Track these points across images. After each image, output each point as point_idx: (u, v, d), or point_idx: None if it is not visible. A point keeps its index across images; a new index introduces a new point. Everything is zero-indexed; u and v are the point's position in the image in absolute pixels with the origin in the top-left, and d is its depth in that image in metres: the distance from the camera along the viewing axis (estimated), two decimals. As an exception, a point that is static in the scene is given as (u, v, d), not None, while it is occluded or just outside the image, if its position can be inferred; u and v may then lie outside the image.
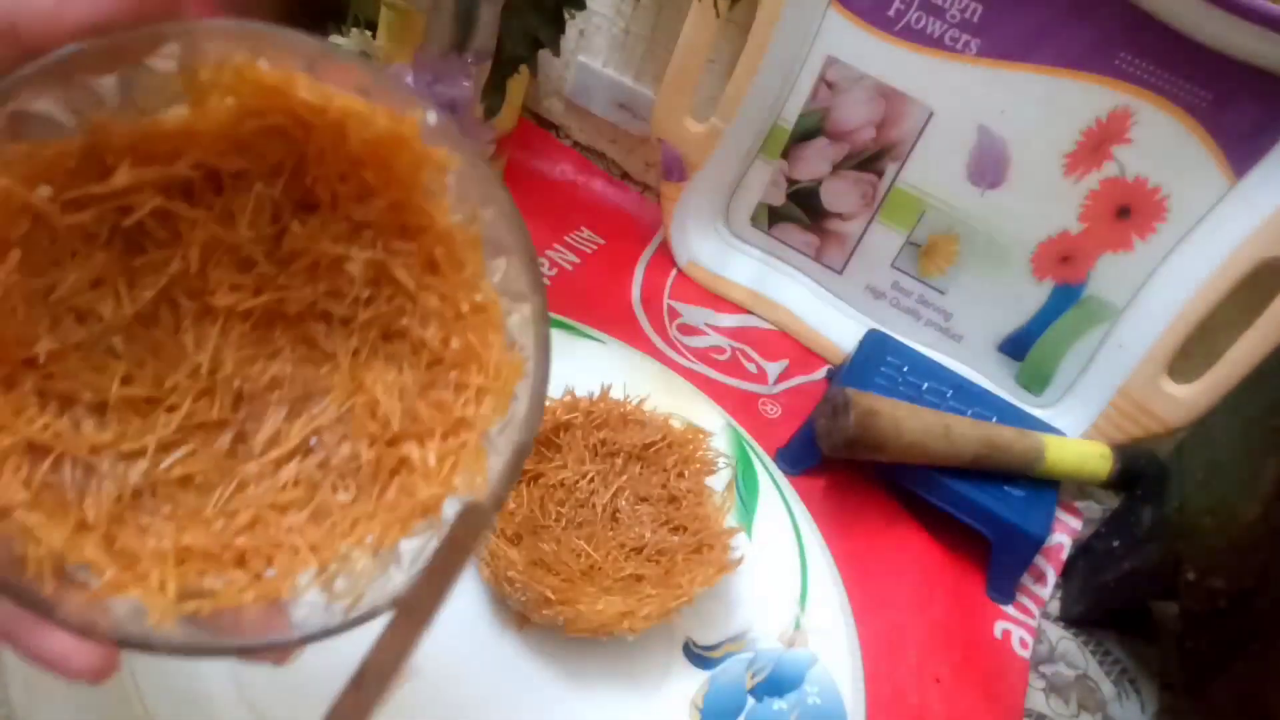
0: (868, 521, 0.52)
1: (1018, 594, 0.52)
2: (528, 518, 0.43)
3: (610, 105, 0.69)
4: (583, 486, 0.45)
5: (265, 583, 0.24)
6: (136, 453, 0.25)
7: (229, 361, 0.26)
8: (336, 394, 0.27)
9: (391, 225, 0.26)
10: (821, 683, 0.43)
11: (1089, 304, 0.56)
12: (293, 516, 0.26)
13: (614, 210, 0.69)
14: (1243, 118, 0.49)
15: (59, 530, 0.22)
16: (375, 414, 0.26)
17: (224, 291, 0.25)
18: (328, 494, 0.26)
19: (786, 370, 0.61)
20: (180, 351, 0.25)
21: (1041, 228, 0.56)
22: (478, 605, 0.41)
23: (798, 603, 0.46)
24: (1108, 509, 0.57)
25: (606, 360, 0.55)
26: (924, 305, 0.61)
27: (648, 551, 0.43)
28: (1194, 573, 0.44)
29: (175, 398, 0.26)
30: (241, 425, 0.26)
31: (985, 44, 0.52)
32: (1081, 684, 0.49)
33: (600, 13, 0.66)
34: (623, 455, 0.47)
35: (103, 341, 0.25)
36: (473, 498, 0.24)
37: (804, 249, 0.63)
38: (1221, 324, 0.51)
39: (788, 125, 0.59)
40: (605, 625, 0.38)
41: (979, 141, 0.55)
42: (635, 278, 0.64)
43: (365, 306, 0.26)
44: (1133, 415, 0.55)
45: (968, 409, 0.55)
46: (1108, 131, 0.52)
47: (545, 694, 0.40)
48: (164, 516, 0.25)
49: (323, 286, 0.26)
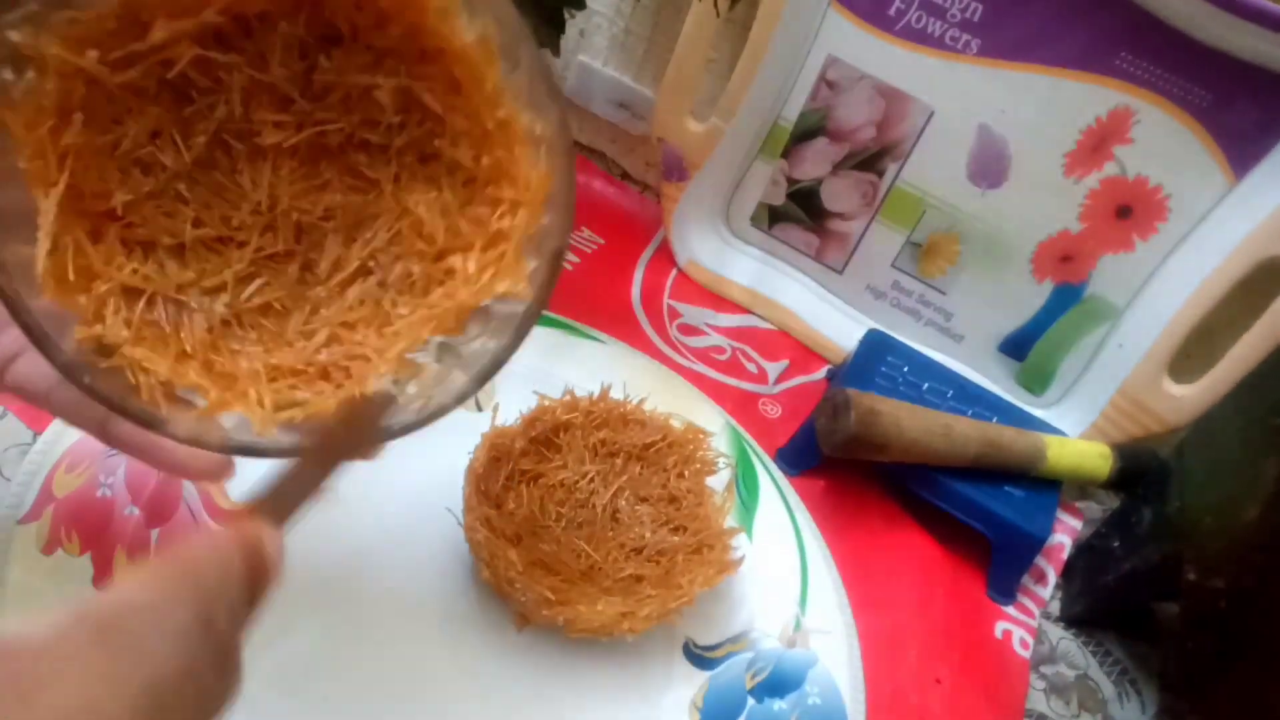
0: (868, 521, 0.52)
1: (1018, 594, 0.52)
2: (528, 518, 0.43)
3: (610, 105, 0.69)
4: (583, 487, 0.45)
5: (347, 390, 0.27)
6: (218, 287, 0.28)
7: (284, 197, 0.28)
8: (385, 218, 0.29)
9: (411, 51, 0.27)
10: (822, 683, 0.43)
11: (1089, 304, 0.56)
12: (362, 331, 0.29)
13: (614, 210, 0.69)
14: (1243, 118, 0.48)
15: (163, 360, 0.25)
16: (421, 233, 0.29)
17: (269, 130, 0.28)
18: (389, 308, 0.29)
19: (787, 370, 0.61)
20: (239, 192, 0.28)
21: (1042, 227, 0.56)
22: (478, 605, 0.41)
23: (798, 603, 0.46)
24: (1108, 509, 0.57)
25: (606, 360, 0.54)
26: (924, 305, 0.61)
27: (648, 552, 0.43)
28: (1195, 573, 0.44)
29: (243, 235, 0.28)
30: (305, 255, 0.29)
31: (986, 44, 0.52)
32: (1082, 684, 0.49)
33: (600, 12, 0.66)
34: (623, 455, 0.46)
35: (170, 189, 0.27)
36: (518, 297, 0.27)
37: (804, 249, 0.63)
38: (1222, 324, 0.51)
39: (788, 125, 0.59)
40: (605, 626, 0.38)
41: (979, 141, 0.55)
42: (635, 278, 0.64)
43: (399, 132, 0.29)
44: (1133, 415, 0.55)
45: (968, 409, 0.55)
46: (1108, 131, 0.52)
47: (545, 694, 0.39)
48: (251, 341, 0.28)
49: (357, 117, 0.28)
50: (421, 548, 0.42)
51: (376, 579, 0.41)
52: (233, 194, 0.28)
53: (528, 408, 0.45)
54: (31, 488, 0.40)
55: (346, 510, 0.42)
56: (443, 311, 0.28)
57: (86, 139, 0.25)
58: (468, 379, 0.27)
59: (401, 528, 0.43)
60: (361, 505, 0.43)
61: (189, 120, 0.27)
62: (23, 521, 0.39)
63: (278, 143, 0.28)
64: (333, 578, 0.40)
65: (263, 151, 0.28)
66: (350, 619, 0.39)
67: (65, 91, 0.24)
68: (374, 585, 0.41)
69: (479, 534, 0.39)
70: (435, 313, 0.28)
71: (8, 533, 0.38)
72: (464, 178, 0.28)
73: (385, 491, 0.44)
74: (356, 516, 0.42)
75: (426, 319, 0.28)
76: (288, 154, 0.28)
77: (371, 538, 0.42)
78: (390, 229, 0.29)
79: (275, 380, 0.27)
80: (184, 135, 0.27)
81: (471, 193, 0.28)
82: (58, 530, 0.39)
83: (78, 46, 0.23)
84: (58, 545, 0.38)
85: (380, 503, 0.43)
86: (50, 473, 0.41)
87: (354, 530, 0.42)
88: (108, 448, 0.41)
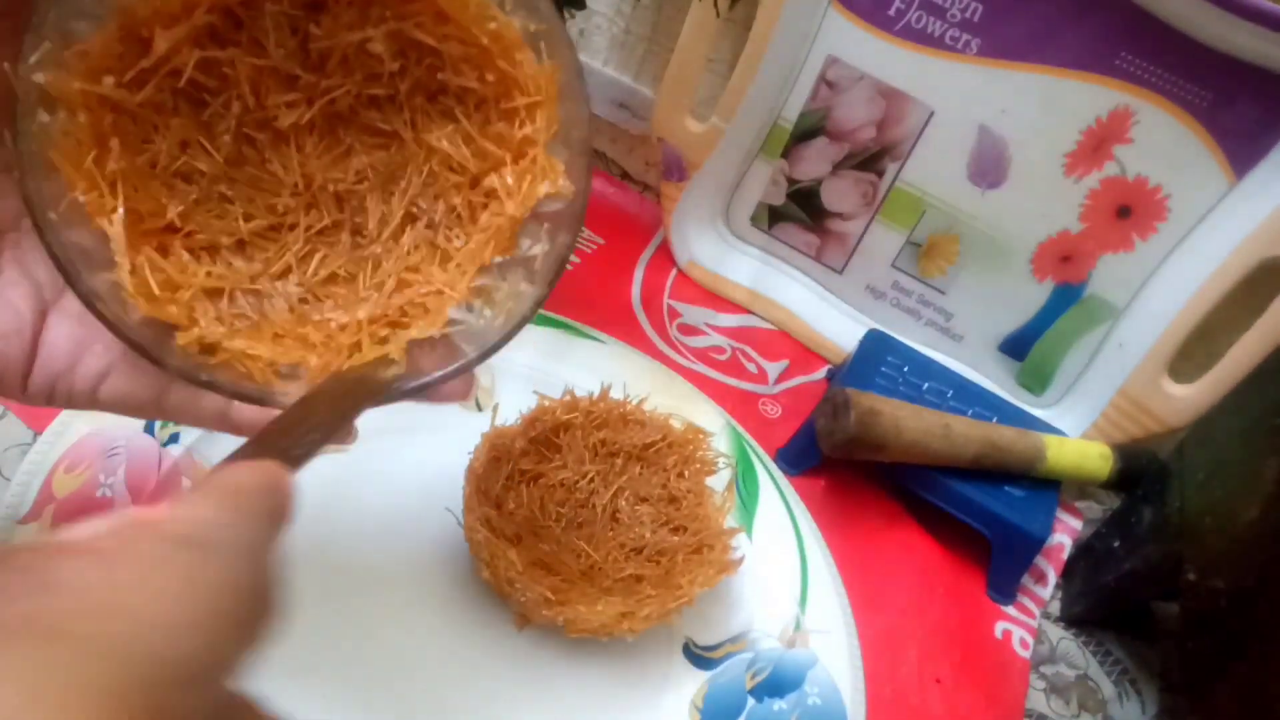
0: (868, 521, 0.52)
1: (1018, 594, 0.52)
2: (528, 518, 0.43)
3: (610, 105, 0.69)
4: (583, 487, 0.45)
5: (429, 325, 0.29)
6: (284, 271, 0.30)
7: (317, 173, 0.30)
8: (413, 164, 0.31)
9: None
10: (821, 683, 0.43)
11: (1089, 304, 0.56)
12: (425, 270, 0.30)
13: (614, 210, 0.69)
14: (1243, 118, 0.48)
15: (263, 345, 0.28)
16: (452, 166, 0.30)
17: (283, 112, 0.29)
18: (445, 245, 0.30)
19: (786, 370, 0.61)
20: (275, 179, 0.30)
21: (1042, 227, 0.56)
22: (478, 605, 0.41)
23: (798, 603, 0.46)
24: (1108, 509, 0.57)
25: (606, 360, 0.54)
26: (924, 305, 0.61)
27: (648, 552, 0.43)
28: (1194, 573, 0.44)
29: (291, 217, 0.30)
30: (351, 220, 0.31)
31: (986, 44, 0.52)
32: (1082, 684, 0.49)
33: (600, 12, 0.66)
34: (623, 455, 0.46)
35: (213, 192, 0.29)
36: (561, 195, 0.28)
37: (804, 249, 0.63)
38: (1222, 324, 0.51)
39: (788, 125, 0.59)
40: (605, 626, 0.38)
41: (979, 141, 0.55)
42: (635, 278, 0.64)
43: (402, 78, 0.30)
44: (1133, 415, 0.55)
45: (968, 409, 0.55)
46: (1108, 131, 0.52)
47: (545, 694, 0.40)
48: (331, 308, 0.30)
49: (360, 75, 0.29)
50: (421, 548, 0.42)
51: (376, 578, 0.41)
52: (269, 183, 0.30)
53: (528, 408, 0.45)
54: (31, 488, 0.40)
55: (347, 510, 0.43)
56: (496, 231, 0.29)
57: (128, 162, 0.26)
58: (537, 286, 0.28)
59: (401, 528, 0.43)
60: (362, 505, 0.43)
61: (210, 124, 0.28)
62: (23, 521, 0.39)
63: (294, 122, 0.29)
64: (333, 576, 0.40)
65: (283, 135, 0.29)
66: (350, 618, 0.39)
67: (96, 122, 0.25)
68: (374, 584, 0.41)
69: (479, 534, 0.39)
70: (489, 234, 0.29)
71: (7, 533, 0.38)
72: (475, 100, 0.30)
73: (386, 491, 0.44)
74: (357, 516, 0.42)
75: (483, 243, 0.29)
76: (306, 131, 0.30)
77: (372, 537, 0.42)
78: (421, 172, 0.31)
79: (359, 333, 0.29)
80: (210, 139, 0.28)
81: (487, 113, 0.29)
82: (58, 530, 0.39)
83: (94, 76, 0.25)
84: (58, 545, 0.38)
85: (380, 502, 0.43)
86: (50, 473, 0.41)
87: (354, 529, 0.42)
88: (108, 448, 0.41)
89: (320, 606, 0.39)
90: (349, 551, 0.42)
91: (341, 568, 0.41)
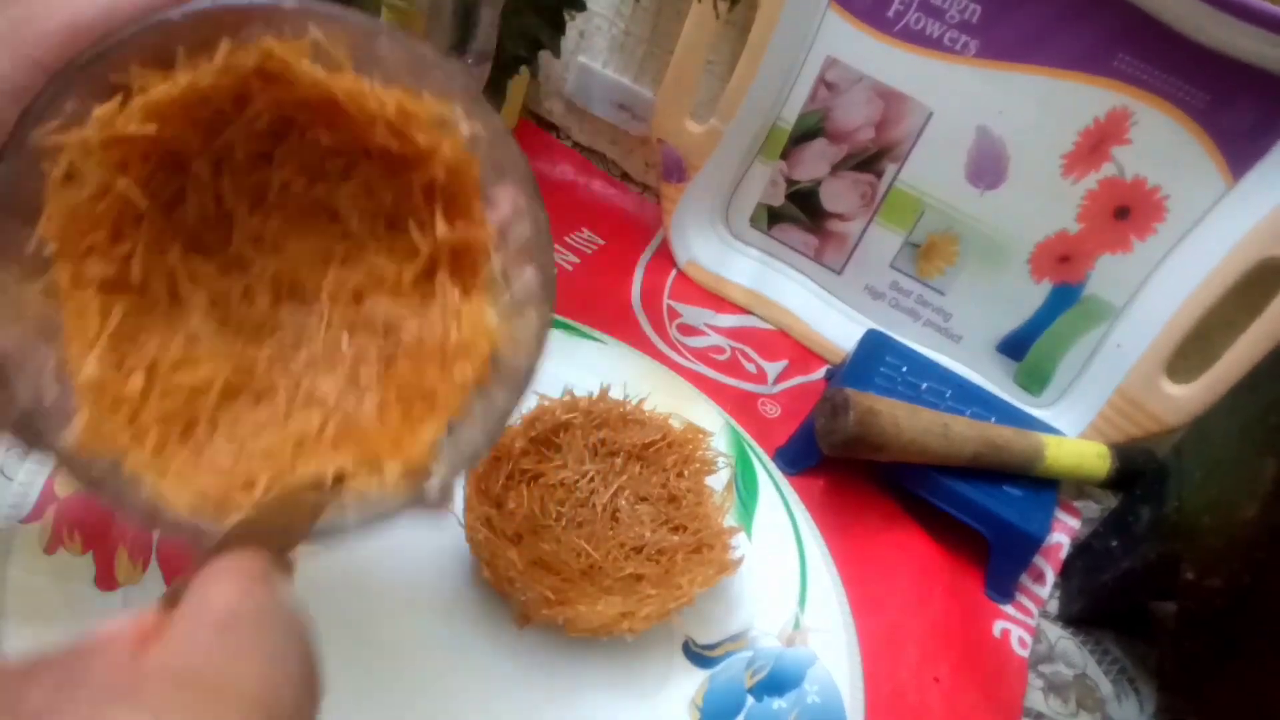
0: (867, 521, 0.52)
1: (1017, 593, 0.52)
2: (528, 517, 0.43)
3: (610, 106, 0.69)
4: (583, 486, 0.45)
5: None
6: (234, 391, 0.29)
7: (323, 295, 0.29)
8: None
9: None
10: (821, 682, 0.43)
11: (1088, 304, 0.56)
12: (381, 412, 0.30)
13: (614, 211, 0.69)
14: (1242, 118, 0.49)
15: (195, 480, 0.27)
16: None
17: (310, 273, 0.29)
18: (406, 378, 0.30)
19: (786, 370, 0.61)
20: (275, 336, 0.29)
21: (1040, 228, 0.56)
22: (478, 605, 0.41)
23: (797, 602, 0.46)
24: (1106, 508, 0.57)
25: (606, 360, 0.55)
26: (923, 305, 0.61)
27: (648, 551, 0.43)
28: (1192, 572, 0.44)
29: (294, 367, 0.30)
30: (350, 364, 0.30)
31: (984, 45, 0.52)
32: (1080, 683, 0.49)
33: (600, 14, 0.66)
34: (623, 455, 0.47)
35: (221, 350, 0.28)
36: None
37: (803, 249, 0.63)
38: (1220, 324, 0.52)
39: (787, 126, 0.60)
40: (605, 625, 0.38)
41: (978, 142, 0.55)
42: (635, 278, 0.64)
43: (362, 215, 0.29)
44: (1131, 415, 0.55)
45: (967, 409, 0.56)
46: (1106, 132, 0.52)
47: (545, 693, 0.40)
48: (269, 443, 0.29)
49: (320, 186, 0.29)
50: (421, 548, 0.43)
51: (376, 578, 0.41)
52: (271, 338, 0.29)
53: (528, 408, 0.46)
54: (34, 488, 0.40)
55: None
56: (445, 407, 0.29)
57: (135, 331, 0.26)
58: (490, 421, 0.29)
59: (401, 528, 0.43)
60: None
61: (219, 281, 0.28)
62: (25, 521, 0.39)
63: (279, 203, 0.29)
64: (332, 578, 0.40)
65: (297, 293, 0.29)
66: (350, 619, 0.39)
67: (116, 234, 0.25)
68: (374, 585, 0.41)
69: (479, 534, 0.39)
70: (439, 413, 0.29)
71: (10, 532, 0.38)
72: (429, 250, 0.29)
73: (386, 491, 0.44)
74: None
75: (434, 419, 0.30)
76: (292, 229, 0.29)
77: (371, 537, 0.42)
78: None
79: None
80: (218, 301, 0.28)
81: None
82: (60, 530, 0.39)
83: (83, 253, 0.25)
84: (60, 545, 0.38)
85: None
86: (52, 473, 0.41)
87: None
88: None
89: (319, 607, 0.39)
90: (348, 551, 0.42)
91: (341, 568, 0.41)
